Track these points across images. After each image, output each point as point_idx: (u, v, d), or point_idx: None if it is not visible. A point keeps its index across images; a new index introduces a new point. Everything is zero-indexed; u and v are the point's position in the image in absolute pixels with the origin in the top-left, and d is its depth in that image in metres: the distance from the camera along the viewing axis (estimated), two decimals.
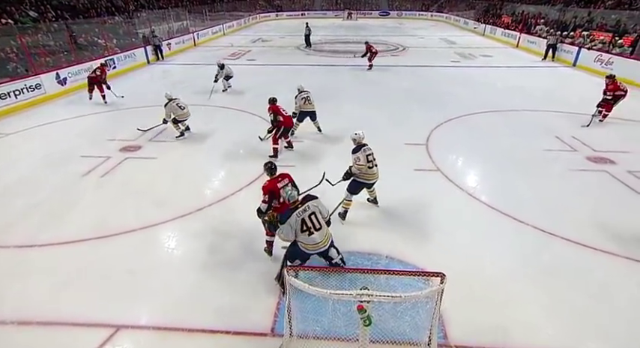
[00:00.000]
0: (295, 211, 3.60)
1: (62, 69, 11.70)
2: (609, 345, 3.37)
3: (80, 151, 7.40)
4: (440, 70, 14.85)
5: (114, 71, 13.77)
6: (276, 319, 3.58)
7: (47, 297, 3.93)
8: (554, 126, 8.63)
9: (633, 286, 4.06)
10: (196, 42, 21.40)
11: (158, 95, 11.29)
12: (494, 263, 4.37)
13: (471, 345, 3.33)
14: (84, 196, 5.88)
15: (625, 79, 12.20)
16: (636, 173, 6.42)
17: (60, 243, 4.77)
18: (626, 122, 8.87)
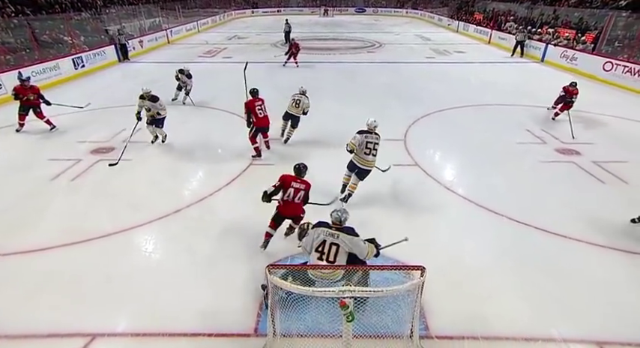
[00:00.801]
0: (327, 228, 3.40)
1: (25, 68, 11.07)
2: (583, 330, 3.51)
3: (47, 155, 7.07)
4: (416, 66, 15.05)
5: (82, 70, 13.25)
6: (259, 318, 3.54)
7: (15, 309, 3.72)
8: (525, 120, 8.93)
9: (603, 272, 4.24)
10: (170, 39, 20.86)
11: (130, 94, 10.98)
12: (473, 254, 4.47)
13: (451, 335, 3.40)
14: (53, 201, 5.62)
15: (587, 74, 12.86)
16: (600, 163, 6.72)
17: (27, 251, 4.53)
18: (590, 115, 9.27)
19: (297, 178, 4.36)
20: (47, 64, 11.88)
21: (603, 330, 3.48)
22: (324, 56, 17.22)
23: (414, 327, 2.83)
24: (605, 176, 6.31)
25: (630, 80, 11.30)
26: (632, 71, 11.30)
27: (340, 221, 3.41)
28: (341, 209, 3.52)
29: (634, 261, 4.38)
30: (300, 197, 4.35)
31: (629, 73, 11.40)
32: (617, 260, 4.41)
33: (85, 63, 13.54)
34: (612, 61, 12.12)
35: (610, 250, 4.54)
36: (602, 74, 12.34)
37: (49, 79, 11.74)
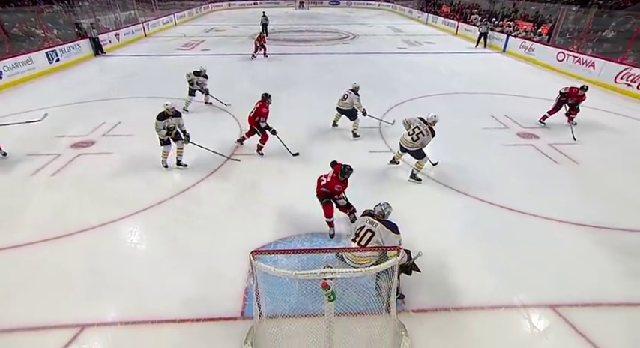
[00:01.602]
0: (370, 217, 3.46)
1: None
2: (539, 295, 3.69)
3: (26, 150, 6.70)
4: (389, 57, 15.04)
5: (57, 64, 12.49)
6: (245, 302, 3.55)
7: (2, 303, 3.59)
8: (490, 106, 9.11)
9: (556, 243, 4.45)
10: (147, 32, 19.94)
11: (108, 88, 10.56)
12: (443, 232, 4.59)
13: (426, 308, 3.51)
14: (34, 197, 5.36)
15: (543, 64, 13.23)
16: (555, 145, 6.98)
17: (10, 247, 4.33)
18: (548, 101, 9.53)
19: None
20: (19, 59, 11.10)
21: (556, 294, 3.68)
22: (301, 48, 16.94)
23: (391, 303, 2.88)
24: (559, 157, 6.57)
25: (579, 69, 11.72)
26: (580, 61, 11.74)
27: (383, 215, 3.47)
28: (384, 203, 3.53)
29: (582, 233, 4.62)
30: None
31: (578, 63, 11.84)
32: (569, 232, 4.63)
33: (60, 57, 12.75)
34: (564, 52, 12.52)
35: (563, 224, 4.75)
36: (556, 64, 12.74)
37: (22, 74, 11.03)
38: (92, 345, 3.19)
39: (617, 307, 3.59)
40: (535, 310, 3.53)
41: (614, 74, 10.41)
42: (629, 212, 5.00)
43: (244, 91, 10.20)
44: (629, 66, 10.10)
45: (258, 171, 5.99)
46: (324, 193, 4.30)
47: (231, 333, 3.22)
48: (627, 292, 3.74)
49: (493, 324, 3.41)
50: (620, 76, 10.26)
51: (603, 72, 10.82)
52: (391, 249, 2.88)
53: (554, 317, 3.46)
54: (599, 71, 10.98)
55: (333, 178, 4.21)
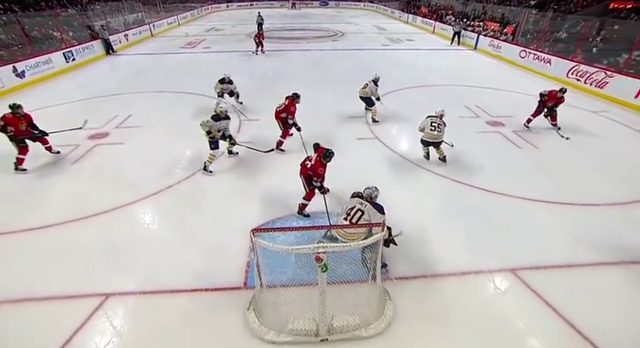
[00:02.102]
0: (360, 199, 3.43)
1: (19, 62, 9.89)
2: (502, 262, 3.76)
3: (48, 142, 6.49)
4: (374, 53, 14.71)
5: (73, 63, 11.99)
6: (247, 274, 3.54)
7: (34, 276, 3.57)
8: (463, 97, 9.02)
9: (517, 217, 4.52)
10: (153, 33, 19.16)
11: (119, 84, 10.21)
12: (423, 210, 4.61)
13: (407, 276, 3.55)
14: (57, 184, 5.24)
15: (508, 60, 13.11)
16: (518, 132, 6.98)
17: (39, 227, 4.27)
18: (511, 93, 9.52)
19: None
20: (40, 59, 10.64)
21: (516, 260, 3.77)
22: (293, 45, 16.47)
23: (377, 272, 2.90)
24: (522, 143, 6.58)
25: (538, 65, 11.66)
26: (539, 58, 11.69)
27: (371, 197, 3.44)
28: (372, 187, 3.49)
29: (539, 207, 4.69)
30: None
31: (537, 60, 11.77)
32: (528, 207, 4.69)
33: (76, 56, 12.24)
34: (526, 50, 12.41)
35: (524, 200, 4.81)
36: (519, 60, 12.63)
37: (42, 73, 10.58)
38: (116, 311, 3.20)
39: (562, 268, 3.69)
40: (498, 274, 3.61)
41: (566, 70, 10.42)
42: (576, 189, 5.09)
43: (242, 85, 9.93)
44: (578, 63, 10.17)
45: (257, 157, 5.89)
46: (309, 175, 4.21)
47: (235, 301, 3.23)
48: (570, 256, 3.85)
49: (463, 287, 3.47)
50: (571, 72, 10.28)
51: (558, 68, 10.80)
52: (377, 226, 2.87)
53: (513, 279, 3.54)
54: (554, 67, 10.96)
55: (317, 162, 4.12)
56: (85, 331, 3.02)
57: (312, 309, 2.85)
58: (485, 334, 3.01)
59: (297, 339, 2.87)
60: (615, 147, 6.42)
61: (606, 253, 3.87)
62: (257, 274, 2.84)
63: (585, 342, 2.93)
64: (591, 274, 3.65)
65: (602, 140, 6.74)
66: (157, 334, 3.00)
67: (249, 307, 3.12)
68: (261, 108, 7.74)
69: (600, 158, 6.03)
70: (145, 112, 7.99)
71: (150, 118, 7.66)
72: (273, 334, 2.88)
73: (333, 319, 2.90)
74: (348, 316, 2.93)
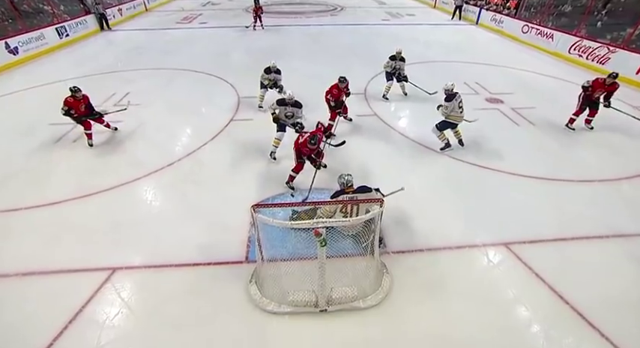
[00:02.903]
0: (346, 195, 3.35)
1: (10, 38, 9.43)
2: (496, 236, 3.78)
3: (47, 120, 6.32)
4: (373, 28, 14.11)
5: (67, 39, 11.48)
6: (249, 248, 3.56)
7: (42, 251, 3.59)
8: (463, 73, 8.75)
9: (512, 192, 4.50)
10: (147, 7, 18.23)
11: (116, 61, 9.84)
12: (420, 186, 4.56)
13: (403, 250, 3.58)
14: (59, 162, 5.16)
15: (510, 35, 12.59)
16: (517, 109, 6.80)
17: (44, 204, 4.25)
18: (511, 69, 9.22)
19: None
20: (32, 34, 10.12)
21: (509, 235, 3.79)
22: (292, 20, 15.76)
23: (374, 246, 2.91)
24: (519, 119, 6.44)
25: (541, 41, 11.18)
26: (542, 33, 11.17)
27: (350, 184, 3.35)
28: (344, 175, 3.41)
29: (533, 184, 4.66)
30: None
31: (540, 35, 11.26)
32: (523, 183, 4.66)
33: (69, 32, 11.66)
34: (528, 25, 11.85)
35: (519, 177, 4.77)
36: (521, 35, 12.09)
37: (35, 49, 10.13)
38: (123, 284, 3.24)
39: (553, 242, 3.72)
40: (492, 248, 3.63)
41: (569, 46, 10.00)
42: (570, 166, 5.05)
43: (239, 61, 9.63)
44: (582, 38, 9.72)
45: (256, 134, 5.78)
46: (298, 150, 4.18)
47: (237, 274, 3.27)
48: (561, 230, 3.87)
49: (458, 260, 3.51)
50: (574, 48, 9.87)
51: (560, 43, 10.35)
52: (375, 202, 2.84)
53: (506, 253, 3.57)
54: (556, 43, 10.51)
55: (305, 141, 4.06)
56: (95, 302, 3.08)
57: (312, 282, 2.89)
58: (477, 303, 3.07)
59: (297, 310, 2.93)
60: (611, 123, 6.31)
61: (597, 228, 3.89)
62: (258, 248, 2.85)
63: (572, 312, 3.00)
64: (581, 248, 3.68)
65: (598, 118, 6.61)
66: (163, 305, 3.05)
67: (251, 280, 3.16)
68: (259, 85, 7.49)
69: (595, 135, 5.94)
70: (143, 89, 7.75)
71: (148, 95, 7.44)
72: (275, 305, 2.93)
73: (332, 291, 2.94)
74: (347, 288, 2.98)
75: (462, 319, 2.95)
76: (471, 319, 2.95)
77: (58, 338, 2.80)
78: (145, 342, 2.80)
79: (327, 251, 2.63)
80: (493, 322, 2.94)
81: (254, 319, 2.91)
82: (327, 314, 2.94)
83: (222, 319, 2.93)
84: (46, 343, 2.76)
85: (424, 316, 2.96)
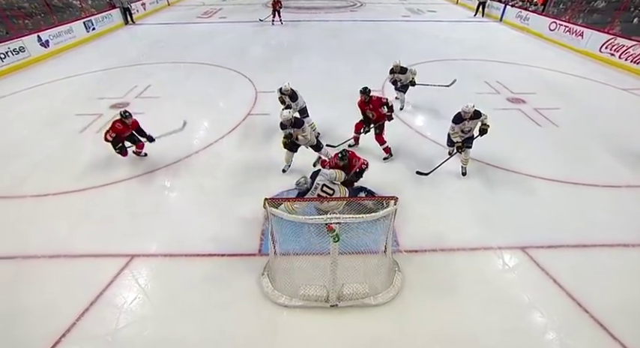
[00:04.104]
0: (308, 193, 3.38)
1: (43, 31, 9.82)
2: (512, 239, 3.67)
3: (74, 110, 6.59)
4: (393, 24, 13.88)
5: (94, 32, 11.86)
6: (262, 241, 3.60)
7: (66, 235, 3.76)
8: (484, 72, 8.51)
9: (530, 196, 4.35)
10: (169, 1, 18.58)
11: (138, 54, 10.09)
12: (435, 186, 4.49)
13: (416, 249, 3.54)
14: (84, 151, 5.36)
15: (536, 33, 12.10)
16: (539, 110, 6.55)
17: (69, 191, 4.44)
18: (535, 68, 8.88)
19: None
20: (62, 28, 10.53)
21: (527, 239, 3.67)
22: (310, 15, 15.70)
23: (388, 244, 2.89)
24: (542, 120, 6.21)
25: (568, 39, 10.68)
26: (571, 31, 10.66)
27: (306, 186, 3.38)
28: (299, 180, 3.38)
29: (554, 187, 4.49)
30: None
31: (568, 33, 10.75)
32: (543, 186, 4.50)
33: (96, 26, 12.04)
34: (556, 22, 11.34)
35: (538, 179, 4.61)
36: (548, 33, 11.60)
37: (64, 42, 10.52)
38: (141, 271, 3.35)
39: (574, 248, 3.59)
40: (508, 251, 3.54)
41: (600, 44, 9.49)
42: (592, 170, 4.84)
43: (258, 56, 9.70)
44: (615, 36, 9.17)
45: (273, 129, 5.81)
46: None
47: (250, 266, 3.31)
48: (583, 236, 3.73)
49: (472, 262, 3.44)
50: (605, 46, 9.35)
51: (590, 41, 9.84)
52: (389, 199, 2.81)
53: (522, 257, 3.47)
54: (586, 41, 10.00)
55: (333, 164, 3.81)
56: (114, 287, 3.20)
57: (324, 277, 2.90)
58: (490, 306, 3.01)
59: (308, 304, 2.95)
60: None
61: (622, 235, 3.72)
62: (271, 241, 2.88)
63: (592, 321, 2.89)
64: (604, 255, 3.53)
65: (628, 120, 6.30)
66: (177, 292, 3.14)
67: (264, 273, 3.20)
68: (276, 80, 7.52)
69: (622, 139, 5.64)
70: (163, 82, 7.93)
71: (168, 88, 7.61)
72: (286, 299, 2.96)
73: (343, 286, 2.95)
74: (358, 284, 2.97)
75: (473, 321, 2.90)
76: (483, 322, 2.90)
77: (80, 318, 2.93)
78: (159, 326, 2.89)
79: (339, 247, 2.63)
80: (506, 325, 2.88)
81: (265, 310, 2.95)
82: (338, 310, 2.95)
83: (234, 309, 2.98)
84: (69, 322, 2.89)
85: (435, 316, 2.93)
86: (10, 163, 5.05)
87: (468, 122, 4.35)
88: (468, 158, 4.61)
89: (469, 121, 4.34)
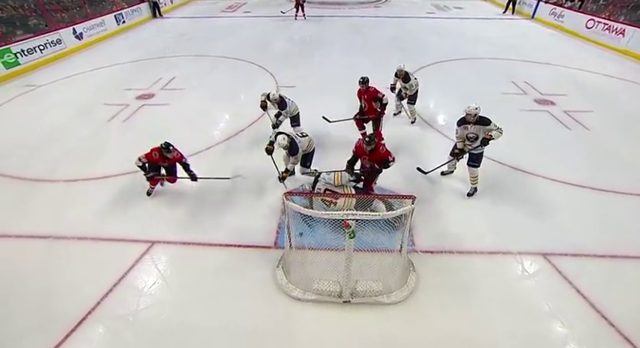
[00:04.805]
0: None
1: (77, 24, 10.33)
2: (535, 245, 3.55)
3: (103, 100, 6.88)
4: (418, 21, 13.56)
5: (123, 25, 12.28)
6: (278, 235, 3.65)
7: (93, 219, 3.95)
8: (511, 72, 8.18)
9: (555, 201, 4.17)
10: None
11: (164, 47, 10.36)
12: (455, 186, 4.40)
13: (432, 250, 3.49)
14: (111, 139, 5.60)
15: (571, 31, 11.48)
16: (569, 112, 6.25)
17: (97, 178, 4.67)
18: (567, 69, 8.45)
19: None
20: (95, 21, 11.03)
21: (549, 245, 3.54)
22: (334, 10, 15.57)
23: (403, 243, 2.87)
24: (572, 123, 5.92)
25: (608, 37, 10.05)
26: (610, 29, 10.01)
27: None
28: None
29: (581, 193, 4.31)
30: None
31: (607, 31, 10.10)
32: (569, 192, 4.32)
33: (125, 19, 12.49)
34: (594, 19, 10.68)
35: (565, 184, 4.42)
36: (584, 31, 10.95)
37: (96, 35, 10.99)
38: (161, 257, 3.48)
39: (601, 258, 3.43)
40: (528, 257, 3.43)
41: None
42: (623, 176, 4.59)
43: (280, 50, 9.74)
44: None
45: None
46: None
47: (266, 258, 3.37)
48: (612, 246, 3.55)
49: (490, 266, 3.36)
50: None
51: (633, 40, 9.20)
52: (407, 198, 2.78)
53: (544, 264, 3.36)
54: (628, 39, 9.36)
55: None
56: (136, 270, 3.34)
57: (338, 272, 2.91)
58: (507, 312, 2.94)
59: (321, 298, 2.97)
60: None
61: None
62: (287, 235, 2.91)
63: (617, 335, 2.76)
64: (633, 267, 3.35)
65: None
66: (194, 280, 3.24)
67: (278, 265, 3.25)
68: (298, 75, 7.54)
69: None
70: (187, 74, 8.13)
71: (191, 80, 7.80)
72: (299, 292, 3.00)
73: (356, 283, 2.95)
74: (372, 282, 2.97)
75: (489, 326, 2.84)
76: (498, 327, 2.83)
77: (104, 298, 3.09)
78: (176, 311, 2.99)
79: (355, 243, 2.63)
80: (522, 332, 2.80)
81: (279, 302, 3.00)
82: (350, 306, 2.96)
83: (248, 299, 3.04)
84: (94, 301, 3.06)
85: (448, 318, 2.89)
86: (47, 149, 5.35)
87: (471, 127, 3.84)
88: (475, 176, 4.10)
89: (472, 126, 3.83)
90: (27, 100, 7.11)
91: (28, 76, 8.30)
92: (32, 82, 7.92)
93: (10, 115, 6.53)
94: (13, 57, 8.26)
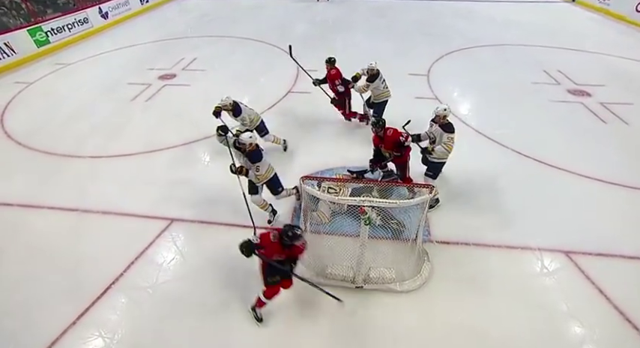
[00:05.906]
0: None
1: (103, 3, 10.44)
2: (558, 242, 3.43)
3: (127, 79, 7.04)
4: (445, 4, 12.85)
5: (147, 5, 12.33)
6: (293, 218, 3.68)
7: (117, 195, 4.12)
8: (544, 60, 7.67)
9: (580, 197, 3.98)
10: None
11: (186, 27, 10.38)
12: (476, 177, 4.26)
13: (448, 241, 3.42)
14: (134, 117, 5.76)
15: (617, 15, 10.53)
16: (606, 104, 5.83)
17: (120, 155, 4.83)
18: (608, 57, 7.81)
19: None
20: (120, 0, 11.12)
21: (573, 243, 3.41)
22: None
23: (419, 233, 2.82)
24: (609, 117, 5.53)
25: None
26: None
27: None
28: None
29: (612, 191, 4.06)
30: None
31: None
32: (598, 189, 4.09)
33: None
34: None
35: (594, 181, 4.19)
36: (634, 15, 9.87)
37: (121, 14, 11.10)
38: (180, 234, 3.61)
39: (628, 259, 3.26)
40: (549, 254, 3.31)
41: None
42: None
43: (302, 33, 9.54)
44: None
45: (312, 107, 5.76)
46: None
47: None
48: (638, 247, 3.37)
49: (508, 261, 3.27)
50: None
51: None
52: (425, 187, 2.71)
53: (566, 262, 3.24)
54: None
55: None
56: (155, 246, 3.48)
57: (351, 258, 2.91)
58: (523, 308, 2.87)
59: (334, 283, 3.00)
60: None
61: None
62: (303, 218, 2.92)
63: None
64: None
65: None
66: (210, 258, 3.34)
67: None
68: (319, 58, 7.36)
69: None
70: (209, 56, 8.13)
71: (213, 62, 7.80)
72: (312, 275, 3.03)
73: (370, 270, 2.95)
74: (385, 269, 2.96)
75: (501, 321, 2.79)
76: (513, 323, 2.78)
77: (127, 270, 3.25)
78: (192, 287, 3.11)
79: (370, 231, 2.61)
80: (538, 330, 2.74)
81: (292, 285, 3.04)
82: (363, 291, 2.97)
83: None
84: (117, 272, 3.22)
85: (460, 310, 2.86)
86: (75, 125, 5.57)
87: (432, 127, 3.52)
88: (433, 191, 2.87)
89: (436, 127, 3.47)
90: (57, 78, 7.36)
91: (57, 54, 8.55)
92: (62, 60, 8.16)
93: (42, 92, 6.79)
94: (44, 35, 8.51)
